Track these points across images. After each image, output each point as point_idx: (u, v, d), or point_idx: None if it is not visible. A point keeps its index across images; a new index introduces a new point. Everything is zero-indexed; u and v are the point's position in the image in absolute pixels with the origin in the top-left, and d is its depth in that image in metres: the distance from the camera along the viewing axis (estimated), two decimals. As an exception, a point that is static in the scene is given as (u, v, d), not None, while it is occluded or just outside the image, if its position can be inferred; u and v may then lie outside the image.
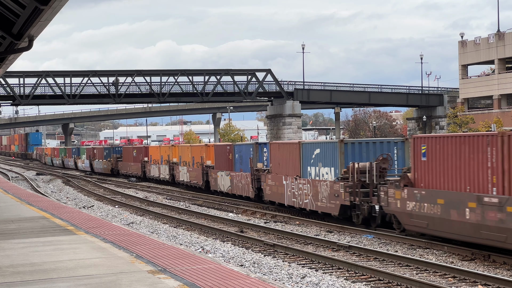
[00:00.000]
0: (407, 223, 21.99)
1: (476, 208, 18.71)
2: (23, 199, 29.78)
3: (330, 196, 26.82)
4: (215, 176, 41.73)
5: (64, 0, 13.32)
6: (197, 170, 45.51)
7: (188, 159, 48.45)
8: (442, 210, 20.10)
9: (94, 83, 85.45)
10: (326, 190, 27.16)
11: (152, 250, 14.44)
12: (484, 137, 19.01)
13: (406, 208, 21.88)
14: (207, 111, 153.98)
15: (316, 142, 31.07)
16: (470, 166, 19.33)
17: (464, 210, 19.15)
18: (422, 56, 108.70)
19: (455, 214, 19.55)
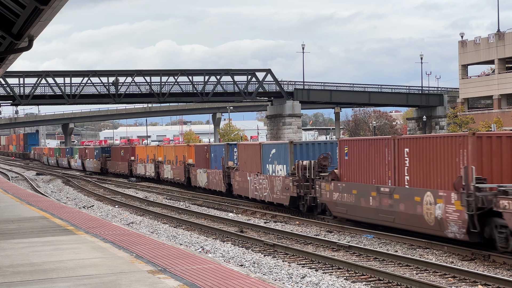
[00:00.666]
0: (334, 210, 26.79)
1: (376, 196, 23.74)
2: (23, 199, 29.78)
3: (282, 189, 31.17)
4: (195, 173, 45.64)
5: (64, 0, 13.32)
6: (180, 168, 49.38)
7: (172, 158, 52.63)
8: (355, 198, 25.00)
9: (94, 83, 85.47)
10: (279, 184, 31.49)
11: (152, 250, 14.44)
12: (383, 140, 23.91)
13: (332, 198, 26.70)
14: (207, 111, 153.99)
15: (272, 143, 34.96)
16: (375, 163, 24.22)
17: (369, 198, 24.16)
18: (422, 56, 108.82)
19: (363, 201, 24.49)
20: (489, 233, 18.79)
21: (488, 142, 19.81)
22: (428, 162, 21.32)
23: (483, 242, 19.14)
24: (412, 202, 21.79)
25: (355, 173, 25.47)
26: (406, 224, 22.39)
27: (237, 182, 37.32)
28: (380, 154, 23.82)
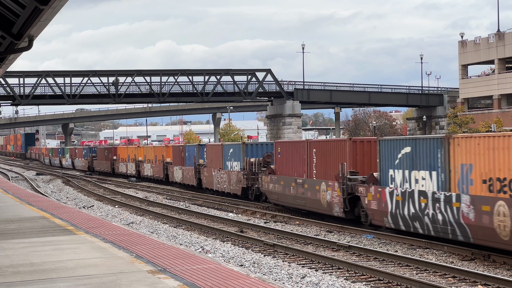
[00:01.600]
0: (270, 198, 33.43)
1: (295, 186, 30.09)
2: (23, 199, 29.78)
3: (236, 182, 37.80)
4: (172, 170, 51.90)
5: (64, 0, 13.32)
6: (159, 166, 55.57)
7: (151, 157, 58.55)
8: (282, 188, 31.35)
9: (94, 83, 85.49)
10: (234, 177, 38.14)
11: (152, 250, 14.44)
12: (301, 142, 30.75)
13: (269, 188, 33.11)
14: (207, 111, 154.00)
15: (231, 144, 41.52)
16: (296, 161, 30.55)
17: (290, 188, 30.46)
18: (422, 56, 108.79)
19: (287, 190, 30.78)
20: (357, 212, 25.45)
21: (361, 145, 26.31)
22: (326, 159, 27.89)
23: (355, 218, 25.79)
24: (314, 190, 28.27)
25: (284, 168, 32.02)
26: (311, 207, 28.91)
27: (205, 177, 43.77)
28: (299, 154, 30.34)
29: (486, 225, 18.56)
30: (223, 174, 40.03)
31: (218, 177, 40.88)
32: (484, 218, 18.62)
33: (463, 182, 19.79)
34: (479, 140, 19.28)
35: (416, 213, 21.63)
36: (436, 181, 20.96)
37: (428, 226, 21.13)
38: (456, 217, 19.76)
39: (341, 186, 25.62)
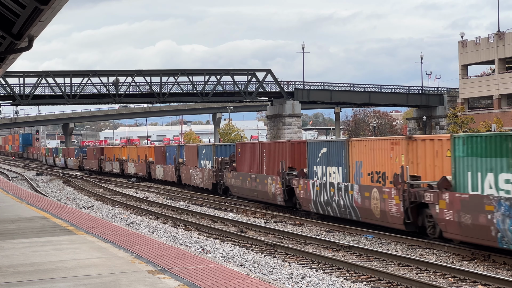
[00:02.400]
0: (232, 191, 38.86)
1: (250, 180, 35.55)
2: (23, 199, 29.78)
3: (208, 178, 42.79)
4: (154, 168, 56.63)
5: (64, 0, 13.32)
6: (142, 164, 60.38)
7: (135, 157, 63.29)
8: (241, 182, 36.85)
9: (94, 83, 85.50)
10: (206, 174, 43.13)
11: (152, 250, 14.44)
12: (255, 143, 36.88)
13: (231, 183, 38.60)
14: (207, 111, 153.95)
15: (204, 145, 47.06)
16: (251, 159, 35.99)
17: (247, 182, 35.95)
18: (422, 56, 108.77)
19: (245, 184, 36.33)
20: (294, 201, 30.86)
21: (298, 146, 31.58)
22: (272, 158, 33.18)
23: (292, 206, 31.13)
24: (264, 183, 33.84)
25: (242, 166, 37.41)
26: (261, 198, 34.47)
27: (184, 174, 48.81)
28: (254, 154, 35.76)
29: (367, 207, 24.38)
30: (198, 172, 45.30)
31: (194, 174, 46.21)
32: (366, 202, 24.46)
33: (356, 175, 25.45)
34: (366, 142, 25.12)
35: (328, 200, 27.21)
36: (341, 175, 26.47)
37: (335, 210, 26.76)
38: (350, 202, 25.54)
39: (281, 180, 31.33)
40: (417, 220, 21.80)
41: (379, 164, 24.03)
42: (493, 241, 18.05)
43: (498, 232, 17.77)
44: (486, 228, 18.21)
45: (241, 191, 37.10)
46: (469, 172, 19.20)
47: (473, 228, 18.75)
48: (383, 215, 23.43)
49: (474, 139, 19.17)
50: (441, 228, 20.28)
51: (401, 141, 23.25)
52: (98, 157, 74.93)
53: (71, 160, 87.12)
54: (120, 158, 67.53)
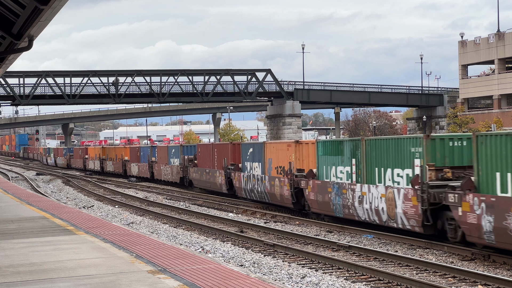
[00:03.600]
0: (194, 184, 46.53)
1: (205, 174, 43.34)
2: (23, 199, 29.78)
3: (176, 173, 50.58)
4: (130, 166, 64.21)
5: (64, 0, 13.32)
6: (118, 163, 67.78)
7: (113, 156, 70.39)
8: (199, 176, 44.82)
9: (94, 83, 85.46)
10: (175, 170, 50.98)
11: (152, 250, 14.44)
12: (209, 145, 45.73)
13: (193, 176, 46.35)
14: (207, 111, 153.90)
15: (173, 146, 55.12)
16: (207, 157, 43.63)
17: (203, 175, 43.83)
18: (422, 56, 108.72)
19: (202, 177, 44.19)
20: (234, 189, 38.43)
21: (238, 146, 39.10)
22: (220, 156, 40.90)
23: (233, 194, 38.70)
24: (214, 176, 41.64)
25: (201, 162, 45.16)
26: (213, 187, 42.18)
27: (156, 170, 56.55)
28: (208, 152, 43.66)
29: (273, 192, 32.55)
30: (168, 168, 53.07)
31: (165, 170, 53.91)
32: (272, 188, 32.58)
33: (269, 168, 33.62)
34: (274, 144, 33.85)
35: (252, 188, 35.62)
36: (260, 168, 34.89)
37: (256, 195, 35.08)
38: (264, 188, 33.76)
39: (225, 173, 39.39)
40: (300, 201, 30.32)
41: (281, 160, 32.19)
42: (331, 211, 26.97)
43: (333, 205, 26.71)
44: (328, 203, 27.19)
45: (200, 183, 45.16)
46: (324, 165, 27.81)
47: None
48: (281, 198, 31.61)
49: (326, 143, 28.33)
50: (310, 204, 28.74)
51: (293, 144, 31.34)
52: (83, 157, 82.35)
53: (60, 159, 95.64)
54: (100, 157, 74.45)
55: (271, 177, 32.80)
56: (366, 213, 24.62)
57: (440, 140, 22.10)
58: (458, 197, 19.46)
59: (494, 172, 18.36)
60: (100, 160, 74.27)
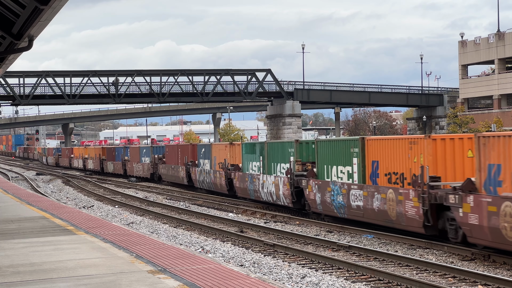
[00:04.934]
0: (163, 178, 54.03)
1: (172, 169, 51.39)
2: (23, 199, 29.78)
3: (147, 170, 58.20)
4: (106, 164, 72.11)
5: (64, 0, 13.32)
6: (97, 161, 75.78)
7: (93, 155, 78.77)
8: (167, 171, 52.58)
9: (94, 83, 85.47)
10: (146, 167, 58.68)
11: (152, 250, 14.44)
12: (177, 145, 53.27)
13: (162, 172, 54.24)
14: (207, 111, 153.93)
15: (144, 146, 63.08)
16: (173, 155, 51.14)
17: (171, 170, 51.52)
18: (422, 56, 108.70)
19: (169, 172, 52.04)
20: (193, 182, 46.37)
21: (195, 147, 47.47)
22: (183, 155, 48.90)
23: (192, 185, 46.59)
24: (178, 171, 49.82)
25: (169, 159, 53.13)
26: (177, 181, 49.97)
27: (129, 168, 63.99)
28: (174, 152, 51.61)
29: (216, 182, 40.99)
30: (140, 165, 60.70)
31: (137, 167, 61.46)
32: (215, 179, 41.10)
33: (214, 164, 42.06)
34: (217, 145, 43.45)
35: (203, 179, 43.63)
36: (209, 165, 43.30)
37: (207, 185, 43.16)
38: (212, 180, 41.80)
39: (185, 168, 47.56)
40: (232, 189, 38.33)
41: (221, 158, 40.94)
42: (248, 195, 36.20)
43: (249, 191, 35.62)
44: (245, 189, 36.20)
45: (167, 177, 53.12)
46: (246, 161, 37.04)
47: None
48: (221, 187, 40.28)
49: (247, 145, 37.99)
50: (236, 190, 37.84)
51: (228, 145, 40.64)
52: (69, 156, 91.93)
53: (50, 158, 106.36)
54: (83, 157, 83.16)
55: (215, 171, 41.48)
56: (265, 195, 33.42)
57: (306, 143, 31.36)
58: (306, 182, 28.98)
59: (324, 165, 27.96)
60: (83, 159, 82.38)
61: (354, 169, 25.58)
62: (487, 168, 18.43)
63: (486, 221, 18.04)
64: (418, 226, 21.48)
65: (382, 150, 24.14)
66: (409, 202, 21.87)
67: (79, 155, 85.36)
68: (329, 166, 27.44)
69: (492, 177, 18.27)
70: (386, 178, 23.71)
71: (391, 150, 23.49)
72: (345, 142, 26.91)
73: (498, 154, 17.89)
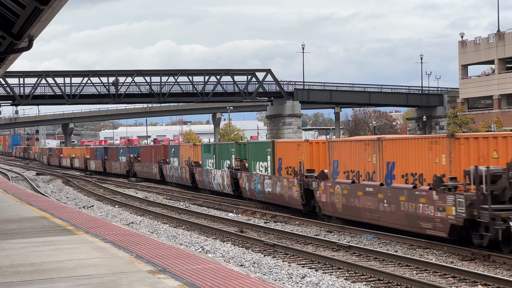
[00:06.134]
0: (138, 175, 60.80)
1: (146, 167, 58.90)
2: (23, 199, 29.77)
3: (124, 167, 65.01)
4: (89, 163, 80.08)
5: (64, 0, 13.31)
6: (82, 160, 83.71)
7: (78, 155, 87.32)
8: (141, 168, 60.38)
9: (94, 83, 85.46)
10: (123, 165, 65.37)
11: (152, 250, 14.44)
12: (149, 146, 63.34)
13: (137, 169, 61.56)
14: (207, 111, 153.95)
15: (121, 147, 72.11)
16: (147, 154, 59.42)
17: (145, 167, 59.46)
18: (422, 56, 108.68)
19: (143, 169, 59.87)
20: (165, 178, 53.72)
21: (166, 147, 55.33)
22: (155, 154, 56.41)
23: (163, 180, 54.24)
24: (152, 168, 57.09)
25: (144, 158, 60.40)
26: (151, 176, 57.20)
27: (108, 166, 71.65)
28: (149, 151, 59.34)
29: (182, 176, 48.76)
30: (117, 164, 67.74)
31: (115, 166, 68.52)
32: (182, 174, 48.71)
33: (181, 162, 49.54)
34: (184, 146, 50.85)
35: (173, 174, 51.31)
36: (177, 162, 50.65)
37: (174, 179, 50.98)
38: (179, 175, 49.58)
39: (158, 165, 54.87)
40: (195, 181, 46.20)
41: (187, 156, 48.27)
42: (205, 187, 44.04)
43: (205, 183, 43.62)
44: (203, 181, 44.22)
45: (142, 173, 60.51)
46: (204, 159, 44.62)
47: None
48: (186, 180, 47.84)
49: (204, 146, 45.64)
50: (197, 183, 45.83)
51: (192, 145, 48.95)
52: (58, 156, 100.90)
53: (45, 158, 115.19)
54: (70, 156, 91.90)
55: (181, 167, 49.18)
56: (216, 186, 41.56)
57: (244, 144, 38.77)
58: (240, 174, 37.20)
59: (252, 161, 36.15)
60: (70, 158, 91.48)
61: (268, 164, 33.81)
62: (332, 163, 27.16)
63: (329, 198, 26.69)
64: (299, 204, 29.64)
65: (285, 150, 32.21)
66: (294, 188, 29.91)
67: (68, 155, 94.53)
68: (255, 162, 35.73)
69: (334, 169, 27.02)
70: (286, 170, 31.77)
71: (290, 150, 31.54)
72: (263, 144, 35.28)
73: (337, 153, 26.75)
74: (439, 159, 20.79)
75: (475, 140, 20.51)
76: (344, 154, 26.17)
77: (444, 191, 19.79)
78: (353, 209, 24.79)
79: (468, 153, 20.35)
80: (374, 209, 23.40)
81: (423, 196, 20.79)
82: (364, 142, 24.95)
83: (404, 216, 21.75)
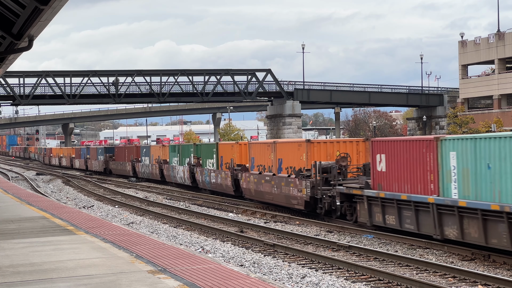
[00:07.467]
0: (113, 172, 70.71)
1: (120, 164, 67.28)
2: (23, 199, 29.78)
3: (101, 165, 72.93)
4: (74, 161, 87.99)
5: (64, 0, 13.32)
6: (68, 159, 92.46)
7: (66, 154, 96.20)
8: (116, 166, 69.63)
9: (94, 83, 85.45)
10: (101, 163, 73.14)
11: (152, 250, 14.44)
12: (123, 146, 76.51)
13: (112, 167, 70.25)
14: (207, 111, 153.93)
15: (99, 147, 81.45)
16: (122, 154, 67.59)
17: (119, 165, 68.08)
18: (422, 56, 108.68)
19: (118, 167, 68.24)
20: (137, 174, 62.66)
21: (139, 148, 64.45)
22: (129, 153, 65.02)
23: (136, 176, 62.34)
24: (125, 166, 65.42)
25: (118, 157, 67.89)
26: (125, 173, 64.91)
27: (89, 164, 79.93)
28: (123, 151, 67.37)
29: (152, 172, 56.57)
30: (96, 162, 76.37)
31: (94, 164, 77.37)
32: (152, 170, 56.76)
33: (151, 160, 57.53)
34: (154, 147, 59.59)
35: (144, 171, 59.00)
36: (149, 160, 58.05)
37: (149, 175, 57.29)
38: (150, 171, 57.29)
39: (131, 163, 62.49)
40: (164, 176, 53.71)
41: (157, 155, 55.83)
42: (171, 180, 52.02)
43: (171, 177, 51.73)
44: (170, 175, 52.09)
45: (117, 171, 68.02)
46: (171, 158, 52.29)
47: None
48: (156, 175, 55.23)
49: (171, 146, 53.66)
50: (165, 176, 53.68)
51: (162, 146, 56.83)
52: (48, 155, 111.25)
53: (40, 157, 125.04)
54: (59, 156, 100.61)
55: (152, 164, 56.89)
56: (179, 179, 49.41)
57: (201, 145, 47.42)
58: (196, 169, 45.64)
59: (204, 159, 44.53)
60: (58, 157, 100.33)
61: (214, 161, 42.69)
62: (251, 160, 35.97)
63: (247, 185, 35.85)
64: (231, 191, 38.67)
65: (224, 149, 41.24)
66: (228, 178, 39.09)
67: (56, 154, 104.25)
68: (206, 159, 44.57)
69: (252, 164, 35.90)
70: (225, 165, 40.28)
71: (228, 150, 40.43)
72: (211, 145, 45.38)
73: (253, 152, 35.78)
74: (303, 157, 29.91)
75: (324, 144, 30.30)
76: (257, 153, 35.41)
77: (302, 178, 28.97)
78: (260, 193, 34.24)
79: (320, 152, 29.72)
80: (270, 192, 32.67)
81: (292, 182, 30.04)
82: (267, 144, 34.39)
83: (284, 196, 30.92)
